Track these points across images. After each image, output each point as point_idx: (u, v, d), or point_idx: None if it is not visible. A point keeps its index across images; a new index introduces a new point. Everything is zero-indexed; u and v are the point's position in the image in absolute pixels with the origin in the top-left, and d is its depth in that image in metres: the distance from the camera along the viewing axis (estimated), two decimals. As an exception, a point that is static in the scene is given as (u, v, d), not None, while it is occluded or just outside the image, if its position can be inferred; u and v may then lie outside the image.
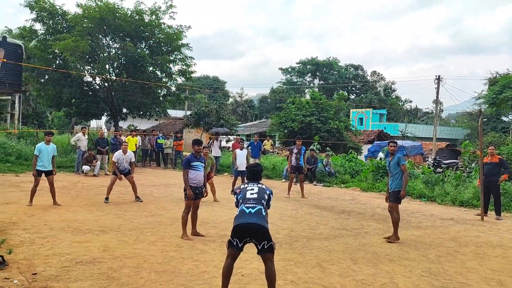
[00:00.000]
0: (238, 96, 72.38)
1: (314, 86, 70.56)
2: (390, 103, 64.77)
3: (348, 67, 76.20)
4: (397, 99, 70.59)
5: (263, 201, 4.89)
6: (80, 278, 5.27)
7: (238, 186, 5.29)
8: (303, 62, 74.16)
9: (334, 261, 6.68)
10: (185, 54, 25.97)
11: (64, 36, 21.98)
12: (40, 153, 10.16)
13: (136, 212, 9.84)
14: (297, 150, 14.27)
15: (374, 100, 63.52)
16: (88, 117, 30.43)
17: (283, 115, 31.84)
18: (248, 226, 4.71)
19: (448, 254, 7.53)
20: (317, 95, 32.73)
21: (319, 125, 29.18)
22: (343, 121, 31.75)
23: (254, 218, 4.72)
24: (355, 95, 73.11)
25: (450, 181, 15.51)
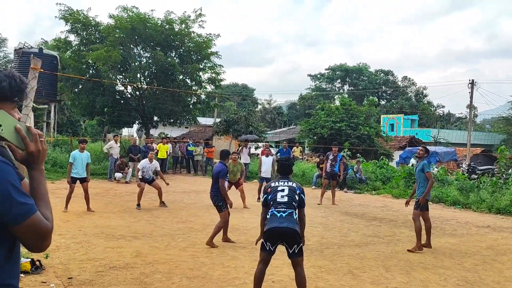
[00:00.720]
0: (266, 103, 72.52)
1: (344, 92, 69.98)
2: (421, 108, 63.51)
3: (378, 72, 75.30)
4: (429, 105, 69.19)
5: (294, 203, 4.83)
6: (113, 283, 5.36)
7: (269, 184, 5.17)
8: (332, 68, 73.74)
9: (366, 268, 6.57)
10: (214, 62, 26.23)
11: (97, 46, 22.55)
12: (75, 161, 10.41)
13: (167, 219, 9.95)
14: (333, 157, 14.29)
15: (405, 106, 62.44)
16: (120, 125, 31.04)
17: (312, 121, 31.65)
18: (280, 229, 4.70)
19: (485, 262, 7.31)
20: (347, 101, 32.42)
21: (349, 131, 28.87)
22: (374, 127, 31.32)
23: (286, 222, 4.69)
24: (385, 101, 72.10)
25: (485, 188, 15.08)
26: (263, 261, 4.89)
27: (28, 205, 1.60)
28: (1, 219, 1.57)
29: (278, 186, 4.91)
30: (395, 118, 50.92)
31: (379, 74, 75.12)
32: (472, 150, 32.28)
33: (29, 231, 1.59)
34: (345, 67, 72.57)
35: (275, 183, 5.02)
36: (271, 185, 5.04)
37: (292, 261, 4.81)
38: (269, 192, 4.94)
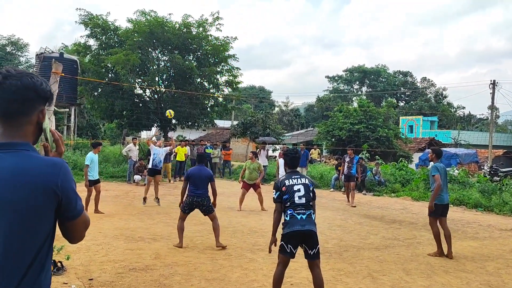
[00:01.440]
0: (284, 105, 72.45)
1: (362, 93, 69.53)
2: (441, 109, 62.68)
3: (397, 73, 74.60)
4: (449, 106, 68.25)
5: (311, 203, 4.84)
6: (133, 284, 5.40)
7: (281, 180, 4.97)
8: (350, 70, 73.34)
9: (386, 271, 6.50)
10: (232, 65, 26.31)
11: (116, 50, 22.83)
12: (91, 163, 10.46)
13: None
14: (350, 159, 14.48)
15: (424, 107, 61.69)
16: (139, 128, 31.34)
17: (330, 123, 31.52)
18: (302, 232, 4.70)
19: (508, 266, 7.16)
20: (365, 103, 32.20)
21: (367, 133, 28.66)
22: (393, 128, 31.03)
23: (307, 225, 4.70)
24: (404, 102, 71.38)
25: (508, 190, 14.79)
26: (282, 263, 4.86)
27: (81, 201, 1.83)
28: (66, 214, 1.76)
29: (294, 185, 4.84)
30: (414, 119, 50.33)
31: (398, 75, 74.43)
32: (494, 151, 31.72)
33: (81, 224, 1.82)
34: (363, 68, 72.11)
35: (288, 180, 4.89)
36: (285, 183, 4.89)
37: (310, 262, 4.80)
38: (284, 191, 4.85)
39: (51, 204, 1.70)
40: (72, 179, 1.78)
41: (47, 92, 1.82)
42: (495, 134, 36.82)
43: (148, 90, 26.08)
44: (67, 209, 1.75)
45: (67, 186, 1.74)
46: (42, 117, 1.80)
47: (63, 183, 1.73)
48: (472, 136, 45.26)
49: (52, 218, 1.73)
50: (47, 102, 1.84)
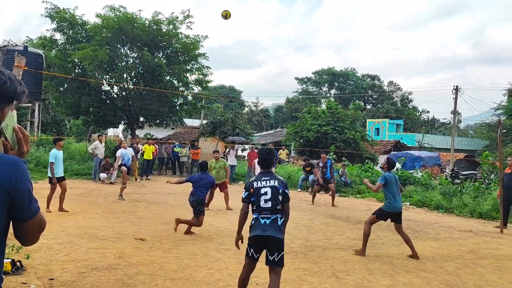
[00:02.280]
0: (253, 105, 72.60)
1: (330, 96, 70.41)
2: (407, 113, 64.19)
3: (365, 77, 75.92)
4: (414, 110, 69.96)
5: (278, 207, 4.70)
6: (96, 284, 5.30)
7: (251, 181, 4.91)
8: (319, 72, 74.15)
9: (350, 271, 6.61)
10: (202, 63, 26.16)
11: (83, 45, 22.34)
12: (56, 160, 10.20)
13: (151, 220, 9.89)
14: (323, 164, 14.83)
15: (390, 111, 63.03)
16: (105, 126, 30.75)
17: (298, 124, 31.79)
18: (263, 238, 4.63)
19: (466, 266, 7.40)
20: (333, 105, 32.63)
21: (335, 135, 29.05)
22: (359, 131, 31.56)
23: (270, 230, 4.61)
24: (371, 105, 72.72)
25: (468, 193, 15.29)
26: (247, 266, 4.84)
27: (37, 202, 1.77)
28: (18, 215, 1.70)
29: (261, 188, 4.75)
30: (380, 122, 51.37)
31: (366, 78, 75.74)
32: (456, 155, 32.69)
33: (35, 225, 1.76)
34: (332, 71, 73.01)
35: (257, 183, 4.81)
36: (253, 185, 4.82)
37: (270, 268, 4.67)
38: (252, 193, 4.80)
39: (3, 202, 1.64)
40: (28, 179, 1.71)
41: (11, 92, 1.72)
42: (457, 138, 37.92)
43: (116, 87, 25.63)
44: (20, 210, 1.68)
45: (22, 186, 1.67)
46: (2, 117, 1.71)
47: (17, 183, 1.65)
48: (435, 140, 46.53)
49: (4, 216, 1.67)
50: (13, 102, 1.76)
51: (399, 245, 8.82)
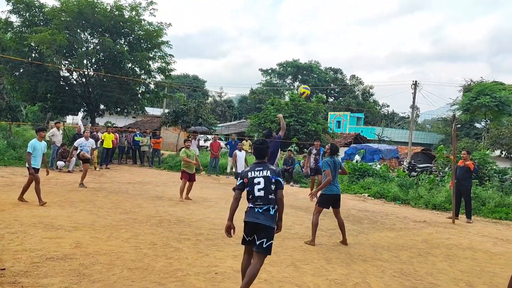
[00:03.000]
0: (217, 95, 72.26)
1: (294, 88, 70.91)
2: (367, 107, 65.56)
3: (328, 70, 76.84)
4: (375, 103, 71.51)
5: (271, 196, 4.84)
6: (50, 274, 5.17)
7: (246, 171, 5.05)
8: (284, 64, 74.49)
9: (308, 260, 6.72)
10: (165, 51, 25.77)
11: (41, 29, 21.55)
12: (34, 151, 9.70)
13: (110, 209, 9.71)
14: (316, 151, 14.35)
15: (352, 104, 64.20)
16: (64, 113, 29.85)
17: (262, 115, 31.92)
18: (254, 224, 4.80)
19: (419, 255, 7.66)
20: (296, 97, 32.92)
21: (297, 126, 29.35)
22: (321, 123, 32.01)
23: (261, 218, 4.78)
24: (333, 98, 73.79)
25: (424, 185, 15.80)
26: (246, 252, 5.01)
27: None
28: None
29: (255, 178, 4.91)
30: (342, 115, 52.26)
31: (329, 72, 76.69)
32: (413, 148, 33.71)
33: None
34: (296, 63, 73.52)
35: (251, 172, 4.96)
36: (248, 174, 4.97)
37: (255, 253, 4.82)
38: (246, 183, 4.94)
39: None
40: None
41: None
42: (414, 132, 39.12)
43: (75, 73, 24.88)
44: None
45: None
46: None
47: None
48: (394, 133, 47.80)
49: None
50: None
51: (356, 235, 9.04)
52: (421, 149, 35.45)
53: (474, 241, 9.28)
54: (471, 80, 49.74)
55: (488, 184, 15.23)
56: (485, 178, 15.95)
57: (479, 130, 47.20)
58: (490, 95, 35.49)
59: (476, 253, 8.19)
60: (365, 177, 17.74)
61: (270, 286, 5.43)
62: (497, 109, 35.64)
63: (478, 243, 9.10)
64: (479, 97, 35.87)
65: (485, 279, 6.53)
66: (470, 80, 49.80)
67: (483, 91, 36.45)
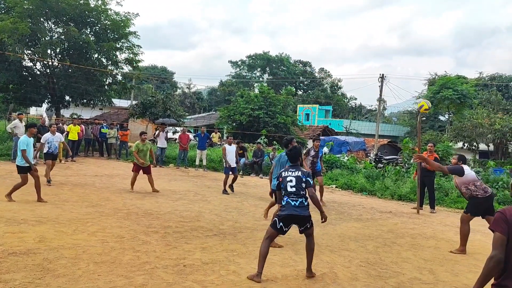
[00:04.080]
0: (186, 87, 71.60)
1: (263, 80, 71.00)
2: (335, 99, 66.33)
3: (297, 63, 77.21)
4: (343, 96, 72.40)
5: (302, 191, 5.59)
6: (12, 269, 5.03)
7: (280, 172, 5.85)
8: (253, 57, 74.39)
9: (277, 251, 6.77)
10: (133, 42, 25.32)
11: (2, 17, 20.80)
12: (27, 147, 9.34)
13: (76, 203, 9.52)
14: (315, 153, 12.00)
15: (320, 97, 64.81)
16: (27, 104, 28.97)
17: (231, 108, 31.84)
18: (293, 216, 5.55)
19: (385, 245, 7.84)
20: (266, 90, 32.97)
21: (267, 119, 29.42)
22: (290, 116, 32.20)
23: (298, 210, 5.54)
24: (302, 91, 74.26)
25: (390, 176, 16.12)
26: (270, 237, 5.68)
27: None
28: None
29: (287, 177, 5.68)
30: (310, 108, 52.67)
31: (298, 64, 77.08)
32: (380, 140, 34.36)
33: None
34: (266, 56, 73.53)
35: (285, 172, 5.76)
36: (282, 174, 5.78)
37: (305, 233, 5.75)
38: (281, 181, 5.72)
39: None
40: None
41: None
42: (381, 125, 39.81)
43: (39, 63, 24.16)
44: None
45: None
46: None
47: None
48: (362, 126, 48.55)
49: None
50: None
51: (323, 226, 9.15)
52: (388, 141, 36.19)
53: (437, 231, 9.56)
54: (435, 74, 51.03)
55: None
56: (448, 169, 16.39)
57: (443, 122, 48.53)
58: (453, 88, 36.46)
59: (439, 242, 8.44)
60: (333, 168, 17.98)
61: (239, 277, 5.45)
62: (459, 102, 36.66)
63: (441, 232, 9.38)
64: (442, 90, 36.82)
65: (447, 267, 6.74)
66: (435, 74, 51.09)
67: (445, 84, 37.43)
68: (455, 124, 36.04)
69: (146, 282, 4.99)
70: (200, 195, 12.09)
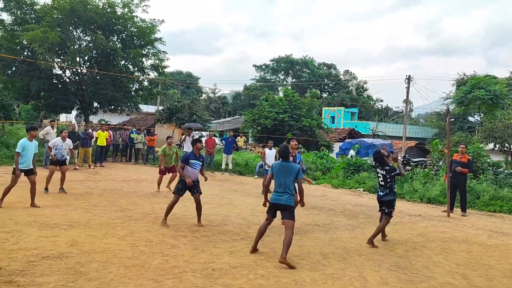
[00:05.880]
0: (211, 92, 72.11)
1: (287, 83, 70.89)
2: (361, 102, 65.65)
3: (321, 65, 76.82)
4: (369, 98, 71.61)
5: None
6: (46, 273, 5.15)
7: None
8: (277, 60, 74.38)
9: (305, 255, 6.73)
10: (158, 48, 25.67)
11: (33, 26, 21.36)
12: (23, 151, 9.22)
13: (105, 207, 9.69)
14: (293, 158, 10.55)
15: (346, 99, 64.26)
16: (57, 111, 29.65)
17: (256, 112, 31.85)
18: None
19: (415, 249, 7.70)
20: (290, 93, 32.87)
21: (291, 122, 29.31)
22: (315, 119, 31.99)
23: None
24: (327, 94, 73.80)
25: (418, 179, 15.84)
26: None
27: None
28: None
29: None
30: (336, 110, 52.28)
31: (322, 67, 76.68)
32: (407, 143, 33.81)
33: None
34: (290, 59, 73.41)
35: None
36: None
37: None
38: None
39: None
40: None
41: None
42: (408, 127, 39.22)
43: (68, 71, 24.73)
44: None
45: None
46: None
47: None
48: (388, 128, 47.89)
49: None
50: None
51: (352, 229, 9.06)
52: (415, 143, 35.55)
53: (469, 234, 9.33)
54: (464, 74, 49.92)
55: (482, 177, 15.29)
56: (479, 171, 16.02)
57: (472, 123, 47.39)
58: (485, 89, 35.58)
59: (471, 246, 8.24)
60: (360, 171, 17.79)
61: (268, 281, 5.44)
62: (491, 103, 35.73)
63: (473, 236, 9.16)
64: (474, 91, 35.97)
65: (481, 271, 6.57)
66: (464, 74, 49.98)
67: (477, 84, 36.56)
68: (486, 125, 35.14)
69: (175, 286, 5.03)
70: (226, 199, 12.14)
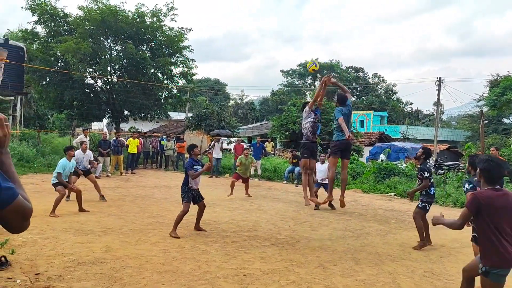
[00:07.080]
0: (239, 98, 72.51)
1: (315, 88, 70.58)
2: (391, 105, 64.73)
3: (349, 69, 76.24)
4: (398, 101, 70.57)
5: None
6: (82, 278, 5.28)
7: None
8: (304, 65, 74.23)
9: (336, 261, 6.68)
10: (187, 56, 26.05)
11: (66, 38, 22.02)
12: (64, 171, 9.71)
13: (137, 214, 9.85)
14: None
15: (375, 103, 63.50)
16: (89, 119, 30.40)
17: (284, 117, 31.85)
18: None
19: (450, 254, 7.53)
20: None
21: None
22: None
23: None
24: (356, 97, 73.11)
25: (451, 183, 15.51)
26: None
27: (12, 189, 1.66)
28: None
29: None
30: (365, 114, 51.74)
31: (350, 71, 76.09)
32: (439, 146, 33.12)
33: (14, 214, 1.66)
34: (317, 63, 73.08)
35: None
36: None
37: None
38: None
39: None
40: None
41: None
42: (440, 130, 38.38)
43: (100, 80, 25.36)
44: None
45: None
46: None
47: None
48: (419, 131, 47.07)
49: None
50: None
51: (384, 235, 8.94)
52: (447, 147, 34.82)
53: (506, 239, 9.06)
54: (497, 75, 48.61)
55: None
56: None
57: (507, 125, 46.07)
58: (518, 90, 34.55)
59: (508, 251, 7.99)
60: (391, 176, 17.53)
61: (299, 287, 5.42)
62: (525, 104, 34.68)
63: (510, 241, 8.88)
64: (507, 92, 35.01)
65: (519, 278, 6.37)
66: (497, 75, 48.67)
67: (510, 85, 35.56)
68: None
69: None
70: (256, 205, 12.16)
